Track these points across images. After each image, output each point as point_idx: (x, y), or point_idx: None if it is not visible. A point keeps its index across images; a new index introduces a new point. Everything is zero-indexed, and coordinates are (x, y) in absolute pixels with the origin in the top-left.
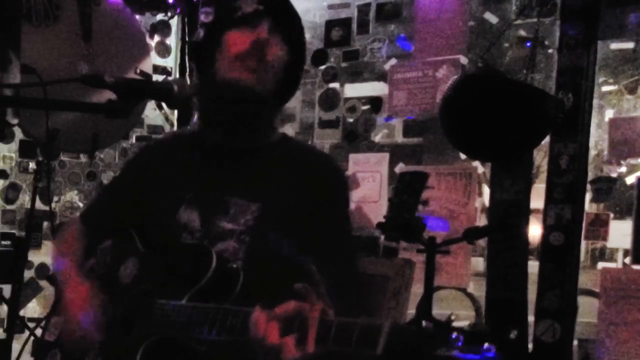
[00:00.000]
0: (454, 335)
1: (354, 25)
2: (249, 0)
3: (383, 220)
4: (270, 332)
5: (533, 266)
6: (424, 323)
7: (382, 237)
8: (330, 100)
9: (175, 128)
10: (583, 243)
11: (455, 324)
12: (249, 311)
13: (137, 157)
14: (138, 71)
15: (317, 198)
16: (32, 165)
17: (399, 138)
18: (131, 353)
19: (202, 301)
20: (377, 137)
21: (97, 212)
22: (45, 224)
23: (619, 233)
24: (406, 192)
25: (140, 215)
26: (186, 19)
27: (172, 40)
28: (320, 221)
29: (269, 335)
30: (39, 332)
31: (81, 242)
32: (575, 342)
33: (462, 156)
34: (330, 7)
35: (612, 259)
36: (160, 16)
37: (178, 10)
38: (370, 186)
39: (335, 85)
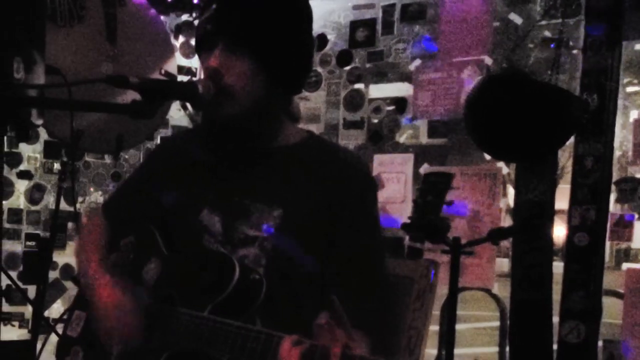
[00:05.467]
0: None
1: (379, 26)
2: (201, 22)
3: (408, 220)
4: None
5: (558, 267)
6: None
7: (407, 237)
8: (354, 101)
9: None
10: (608, 244)
11: (481, 325)
12: (270, 334)
13: (158, 151)
14: (163, 72)
15: (341, 204)
16: (56, 165)
17: (424, 139)
18: None
19: (225, 312)
20: (402, 138)
21: (119, 205)
22: (70, 224)
23: None
24: (431, 192)
25: (161, 213)
26: None
27: None
28: (345, 228)
29: None
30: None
31: (104, 238)
32: (600, 343)
33: (487, 157)
34: (355, 7)
35: (636, 259)
36: (185, 17)
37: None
38: (394, 187)
39: (359, 86)
